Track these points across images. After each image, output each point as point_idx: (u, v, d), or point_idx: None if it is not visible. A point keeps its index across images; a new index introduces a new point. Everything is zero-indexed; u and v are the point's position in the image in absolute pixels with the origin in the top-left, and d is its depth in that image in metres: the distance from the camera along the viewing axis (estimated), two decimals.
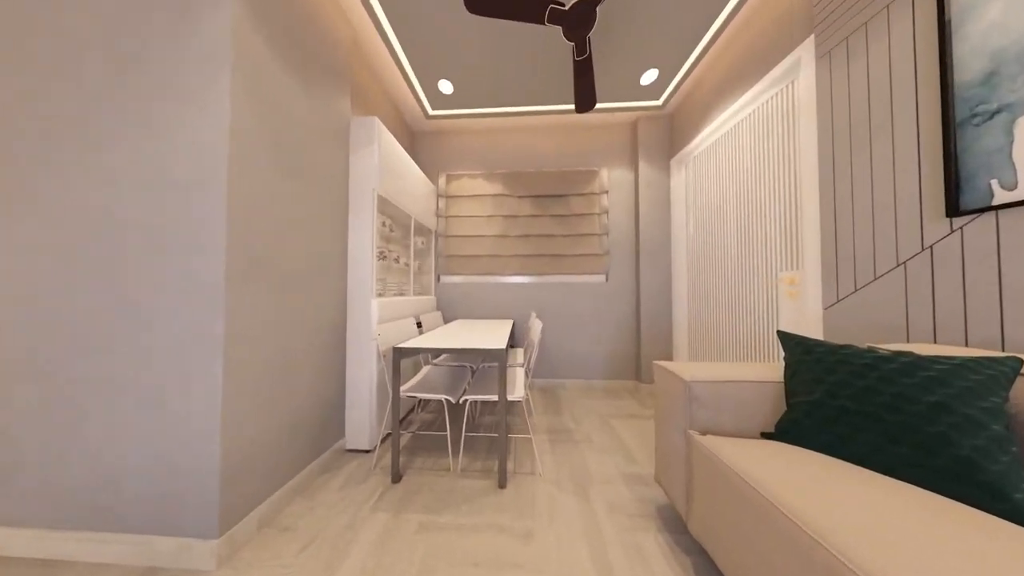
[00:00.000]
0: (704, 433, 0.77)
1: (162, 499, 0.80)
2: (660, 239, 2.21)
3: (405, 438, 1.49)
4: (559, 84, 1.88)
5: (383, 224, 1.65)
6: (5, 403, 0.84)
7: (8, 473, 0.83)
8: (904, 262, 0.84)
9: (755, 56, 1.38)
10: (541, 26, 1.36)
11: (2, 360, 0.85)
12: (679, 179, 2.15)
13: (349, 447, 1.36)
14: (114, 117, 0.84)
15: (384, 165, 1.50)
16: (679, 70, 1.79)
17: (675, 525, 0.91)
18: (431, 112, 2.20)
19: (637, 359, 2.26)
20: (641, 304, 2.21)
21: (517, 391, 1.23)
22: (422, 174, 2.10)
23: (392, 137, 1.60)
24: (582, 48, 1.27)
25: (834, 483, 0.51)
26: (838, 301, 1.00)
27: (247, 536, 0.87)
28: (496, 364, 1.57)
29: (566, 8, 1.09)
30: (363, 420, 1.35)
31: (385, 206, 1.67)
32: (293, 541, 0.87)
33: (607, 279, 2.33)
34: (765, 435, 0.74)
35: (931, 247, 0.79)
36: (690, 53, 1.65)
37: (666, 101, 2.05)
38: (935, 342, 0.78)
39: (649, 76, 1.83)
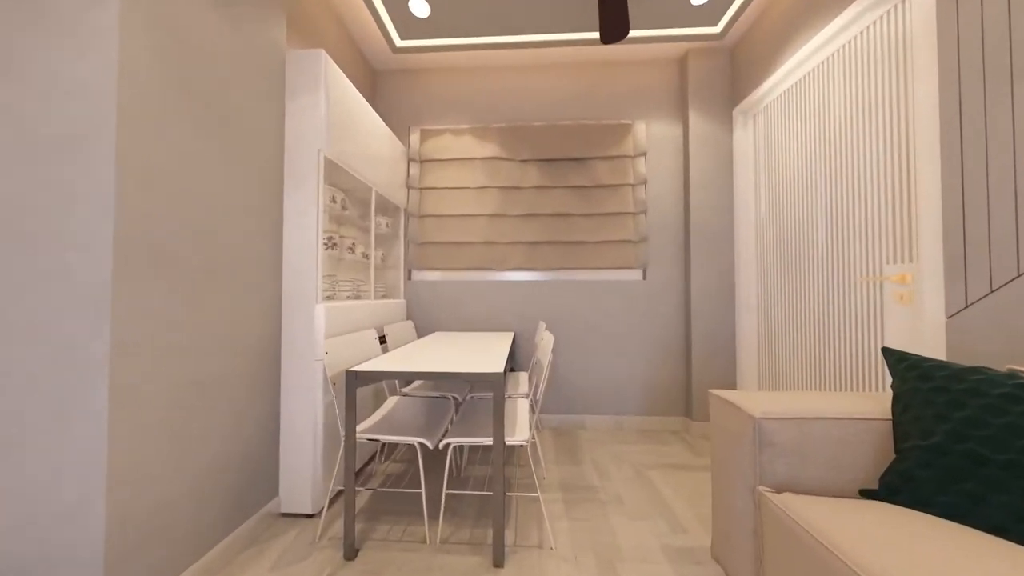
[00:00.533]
0: (780, 491, 0.77)
1: None
2: (720, 221, 2.21)
3: (363, 497, 1.49)
4: (578, 4, 1.88)
5: (332, 199, 1.65)
6: None
7: None
8: None
9: None
10: None
11: None
12: (746, 137, 2.15)
13: (285, 510, 1.37)
14: None
15: (334, 117, 1.50)
16: None
17: None
18: (399, 43, 2.20)
19: (687, 388, 2.26)
20: (692, 311, 2.21)
21: (520, 433, 1.23)
22: (387, 129, 2.10)
23: (345, 78, 1.60)
24: None
25: (970, 568, 0.50)
26: (967, 307, 1.00)
27: None
28: (490, 395, 1.57)
29: None
30: (304, 472, 1.36)
31: (336, 174, 1.67)
32: None
33: (645, 276, 2.33)
34: (865, 493, 0.74)
35: None
36: None
37: (727, 28, 2.05)
38: None
39: None
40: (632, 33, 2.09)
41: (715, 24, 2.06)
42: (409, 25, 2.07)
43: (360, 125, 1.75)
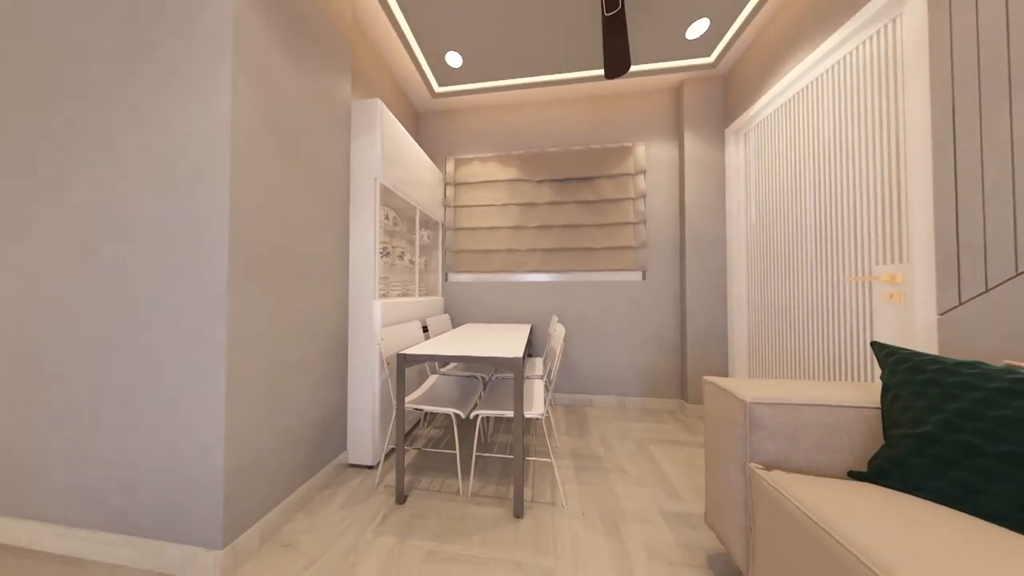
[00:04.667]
0: (770, 468, 0.72)
1: (172, 507, 0.90)
2: (712, 228, 2.09)
3: (410, 455, 1.54)
4: (585, 47, 1.84)
5: (386, 217, 1.71)
6: (35, 404, 0.99)
7: (36, 471, 0.98)
8: None
9: None
10: None
11: (38, 361, 0.99)
12: (737, 154, 2.01)
13: (351, 462, 1.44)
14: (124, 114, 0.95)
15: (388, 152, 1.56)
16: (736, 18, 1.67)
17: None
18: (438, 89, 2.25)
19: (682, 374, 2.15)
20: (687, 307, 2.10)
21: (536, 407, 1.22)
22: (428, 160, 2.15)
23: (395, 120, 1.65)
24: (613, 1, 1.23)
25: (967, 552, 0.43)
26: (960, 304, 0.88)
27: (250, 550, 0.95)
28: (511, 375, 1.57)
29: None
30: (366, 433, 1.42)
31: (389, 197, 1.74)
32: (295, 560, 0.93)
33: (644, 277, 2.24)
34: (854, 475, 0.67)
35: None
36: None
37: (719, 58, 1.92)
38: None
39: (698, 27, 1.73)
40: (633, 68, 2.01)
41: (709, 54, 1.93)
42: (445, 74, 2.11)
43: (407, 157, 1.81)
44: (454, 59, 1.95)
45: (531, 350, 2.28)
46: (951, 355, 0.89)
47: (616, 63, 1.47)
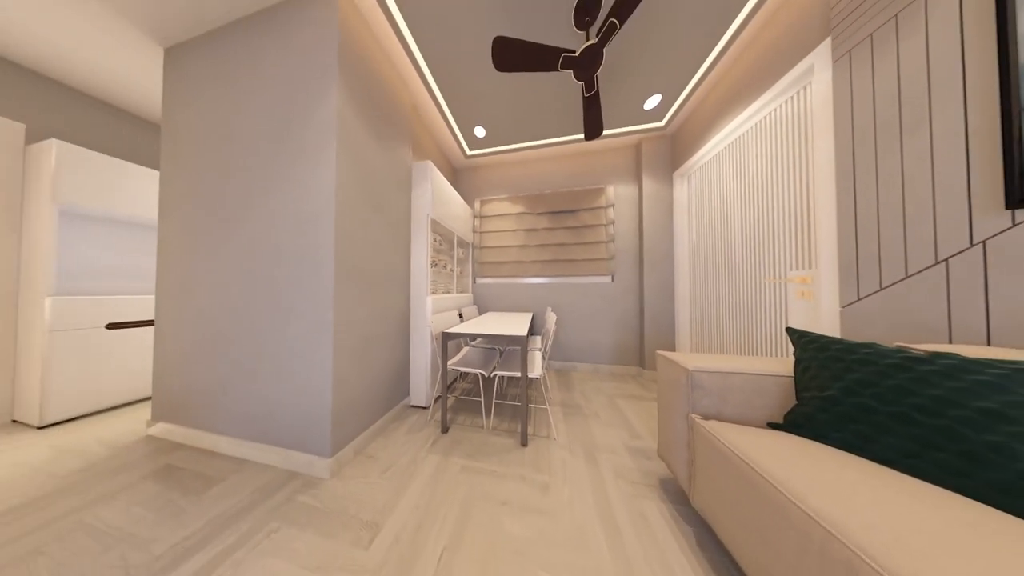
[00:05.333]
0: (707, 419, 0.68)
1: (300, 428, 0.96)
2: (663, 245, 2.00)
3: (451, 400, 1.55)
4: (570, 118, 1.80)
5: (434, 240, 1.74)
6: (221, 361, 1.08)
7: (220, 402, 1.07)
8: (946, 259, 0.64)
9: (761, 69, 1.16)
10: (555, 72, 1.31)
11: (223, 335, 1.09)
12: (682, 191, 1.91)
13: (411, 403, 1.47)
14: (273, 178, 1.02)
15: (435, 196, 1.59)
16: (681, 92, 1.59)
17: (677, 497, 0.81)
18: (468, 153, 2.28)
19: (640, 349, 2.08)
20: (645, 302, 2.03)
21: (536, 370, 1.20)
22: (462, 201, 2.18)
23: (440, 175, 1.68)
24: (590, 85, 1.20)
25: (855, 479, 0.40)
26: (859, 300, 0.80)
27: (347, 459, 1.00)
28: (519, 348, 1.57)
29: (577, 54, 1.03)
30: (421, 384, 1.45)
31: (436, 227, 1.77)
32: (376, 467, 0.97)
33: (613, 280, 2.18)
34: (773, 425, 0.62)
35: (984, 242, 0.59)
36: (692, 75, 1.45)
37: (668, 122, 1.83)
38: (989, 344, 0.58)
39: (652, 101, 1.66)
40: (605, 132, 1.95)
41: (661, 119, 1.85)
42: (474, 142, 2.12)
43: (448, 200, 1.83)
44: (480, 131, 1.97)
45: (532, 330, 2.27)
46: (852, 339, 0.81)
47: (593, 129, 1.44)
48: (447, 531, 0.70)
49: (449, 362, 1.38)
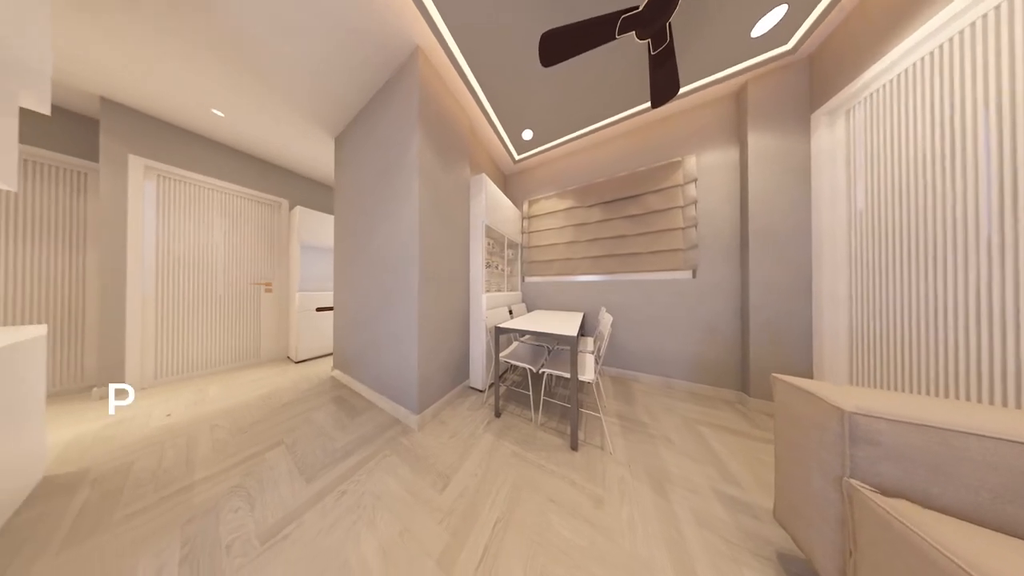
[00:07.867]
0: (888, 494, 0.44)
1: (404, 388, 1.33)
2: (789, 222, 1.37)
3: (503, 388, 1.69)
4: (626, 90, 1.53)
5: (488, 243, 1.93)
6: (359, 339, 1.64)
7: (364, 365, 1.62)
8: None
9: None
10: (605, 45, 1.14)
11: (360, 319, 1.66)
12: (834, 135, 1.24)
13: (471, 385, 1.70)
14: (382, 209, 1.45)
15: (489, 205, 1.75)
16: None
17: None
18: (517, 158, 2.35)
19: (743, 368, 1.52)
20: (750, 304, 1.46)
21: (587, 373, 1.14)
22: (512, 205, 2.28)
23: (493, 184, 1.83)
24: (660, 38, 0.97)
25: None
26: None
27: (427, 418, 1.30)
28: (567, 348, 1.51)
29: (640, 8, 0.86)
30: (479, 371, 1.66)
31: (489, 232, 1.95)
32: (446, 431, 1.21)
33: (695, 275, 1.69)
34: None
35: None
36: None
37: (800, 42, 1.22)
38: None
39: (768, 21, 1.16)
40: (682, 89, 1.52)
41: (786, 42, 1.26)
42: (521, 146, 2.17)
43: (500, 205, 1.97)
44: (527, 134, 1.99)
45: (583, 331, 2.11)
46: None
47: (664, 90, 1.14)
48: (499, 505, 0.79)
49: (502, 354, 1.49)
